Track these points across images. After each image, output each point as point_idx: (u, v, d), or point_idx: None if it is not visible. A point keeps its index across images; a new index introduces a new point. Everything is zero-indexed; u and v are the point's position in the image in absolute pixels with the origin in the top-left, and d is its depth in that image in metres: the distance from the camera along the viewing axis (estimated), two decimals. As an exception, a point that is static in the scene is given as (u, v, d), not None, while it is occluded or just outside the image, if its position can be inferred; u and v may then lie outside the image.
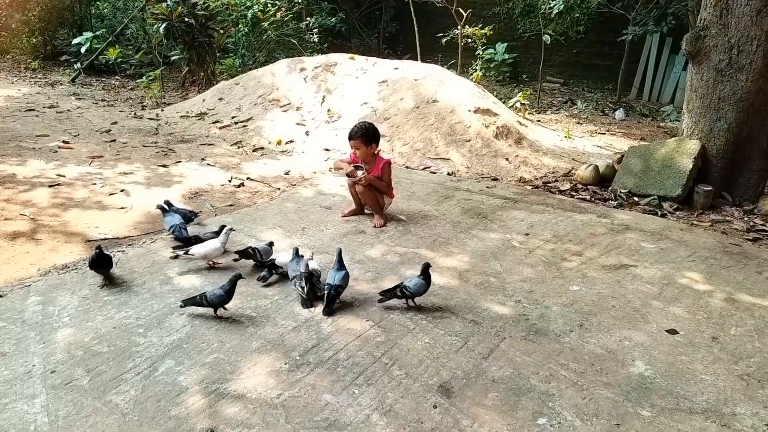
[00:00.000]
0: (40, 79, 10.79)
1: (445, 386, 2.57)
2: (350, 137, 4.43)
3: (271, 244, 3.70)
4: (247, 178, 5.55)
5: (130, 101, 9.38)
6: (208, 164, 5.93)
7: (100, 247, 3.32)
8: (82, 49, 10.90)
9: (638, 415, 2.43)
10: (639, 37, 9.97)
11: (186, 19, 9.41)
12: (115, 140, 6.65)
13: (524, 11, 11.19)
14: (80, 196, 4.77)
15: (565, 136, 7.57)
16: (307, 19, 11.56)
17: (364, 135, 4.39)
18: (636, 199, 5.33)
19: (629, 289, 3.54)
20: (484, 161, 6.15)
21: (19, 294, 3.22)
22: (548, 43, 9.60)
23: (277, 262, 3.51)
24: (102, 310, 3.08)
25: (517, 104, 8.36)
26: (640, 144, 6.80)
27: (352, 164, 4.46)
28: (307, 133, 6.91)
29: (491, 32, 9.68)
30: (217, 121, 7.49)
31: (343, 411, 2.39)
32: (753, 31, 4.88)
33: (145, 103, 9.20)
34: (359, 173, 4.34)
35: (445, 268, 3.75)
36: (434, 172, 5.96)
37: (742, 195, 5.31)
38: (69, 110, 8.14)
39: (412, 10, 10.34)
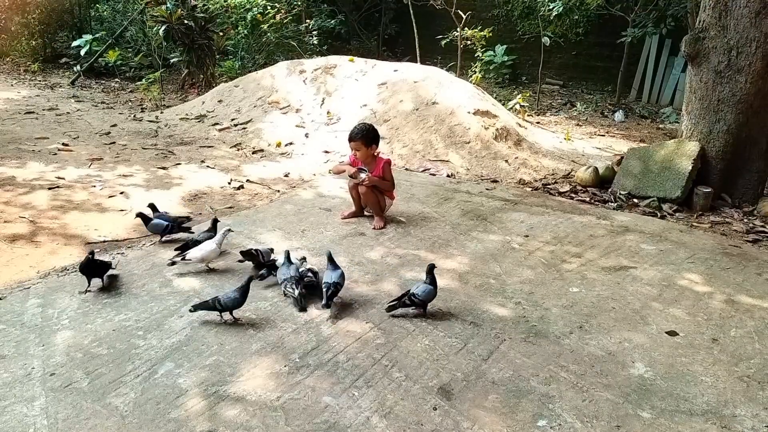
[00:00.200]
0: (40, 81, 10.79)
1: (445, 388, 2.56)
2: (350, 139, 4.43)
3: (272, 250, 3.72)
4: (247, 181, 5.55)
5: (130, 104, 9.38)
6: (208, 166, 5.93)
7: (93, 253, 3.27)
8: (82, 52, 10.91)
9: (638, 416, 2.43)
10: (638, 38, 9.99)
11: (185, 22, 9.42)
12: (114, 143, 6.65)
13: (523, 13, 11.21)
14: (80, 198, 4.77)
15: (565, 138, 7.58)
16: (307, 21, 11.58)
17: (365, 136, 4.38)
18: (635, 200, 5.34)
19: (629, 291, 3.54)
20: (483, 163, 6.16)
21: (19, 296, 3.22)
22: (547, 45, 9.62)
23: (277, 264, 3.51)
24: (101, 313, 3.08)
25: (517, 106, 8.37)
26: (639, 146, 6.80)
27: (351, 165, 4.47)
28: (306, 135, 6.92)
29: (490, 34, 9.71)
30: (216, 124, 7.49)
31: (343, 413, 2.39)
32: (752, 33, 4.88)
33: (144, 106, 9.20)
34: (362, 175, 4.33)
35: (445, 270, 3.74)
36: (434, 174, 5.97)
37: (741, 196, 5.32)
38: (68, 113, 8.14)
39: (411, 12, 10.35)
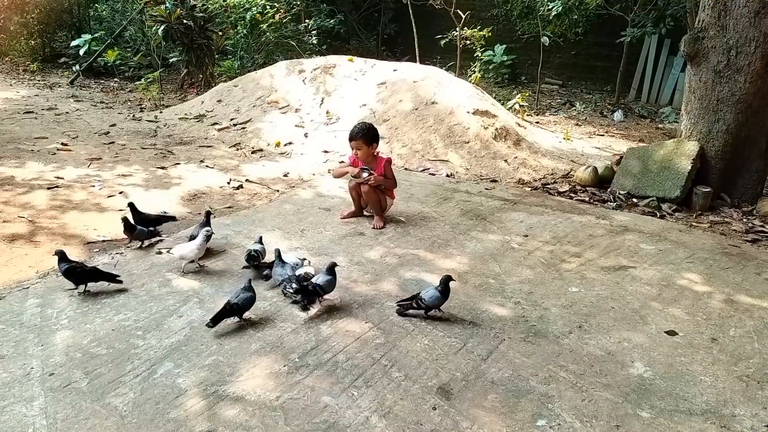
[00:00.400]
0: (39, 81, 10.78)
1: (444, 388, 2.56)
2: (351, 138, 4.42)
3: (261, 239, 3.78)
4: (246, 180, 5.55)
5: (129, 103, 9.37)
6: (207, 166, 5.93)
7: (70, 263, 3.28)
8: (81, 52, 10.89)
9: (638, 416, 2.43)
10: (637, 38, 9.99)
11: (185, 22, 9.41)
12: (113, 142, 6.65)
13: (523, 13, 11.21)
14: (79, 198, 4.77)
15: (564, 138, 7.58)
16: (306, 21, 11.57)
17: (365, 135, 4.38)
18: (635, 200, 5.34)
19: (628, 291, 3.54)
20: (483, 163, 6.16)
21: (18, 296, 3.22)
22: (547, 44, 9.61)
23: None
24: (100, 313, 3.08)
25: (516, 106, 8.37)
26: (638, 145, 6.80)
27: (353, 166, 4.46)
28: (306, 135, 6.91)
29: (490, 34, 9.70)
30: (215, 123, 7.49)
31: (343, 413, 2.39)
32: (751, 33, 4.88)
33: (143, 105, 9.19)
34: (365, 174, 4.33)
35: (444, 269, 3.74)
36: (433, 174, 5.97)
37: (740, 196, 5.32)
38: (67, 112, 8.13)
39: (410, 11, 10.35)
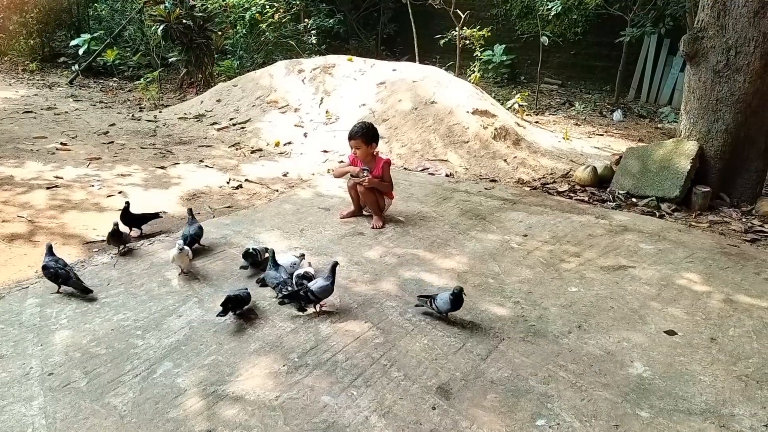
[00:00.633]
0: (38, 80, 10.77)
1: (443, 387, 2.56)
2: (350, 137, 4.43)
3: (266, 250, 3.71)
4: (245, 180, 5.55)
5: (128, 103, 9.37)
6: (206, 166, 5.92)
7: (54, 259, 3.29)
8: (80, 51, 10.88)
9: (637, 416, 2.44)
10: (637, 38, 9.99)
11: (184, 21, 9.40)
12: (113, 142, 6.64)
13: (522, 13, 11.21)
14: (78, 197, 4.77)
15: (563, 138, 7.58)
16: (305, 20, 11.56)
17: (365, 135, 4.38)
18: (634, 200, 5.34)
19: (627, 290, 3.54)
20: (482, 162, 6.16)
21: (17, 296, 3.21)
22: (546, 44, 9.62)
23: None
24: (100, 312, 3.08)
25: (515, 105, 8.37)
26: (638, 145, 6.81)
27: (352, 166, 4.48)
28: (305, 135, 6.91)
29: (489, 34, 9.70)
30: (215, 123, 7.49)
31: (342, 412, 2.39)
32: (750, 33, 4.89)
33: (143, 105, 9.19)
34: (364, 173, 4.33)
35: (444, 269, 3.75)
36: (432, 174, 5.97)
37: (739, 196, 5.32)
38: (67, 112, 8.13)
39: (410, 11, 10.35)
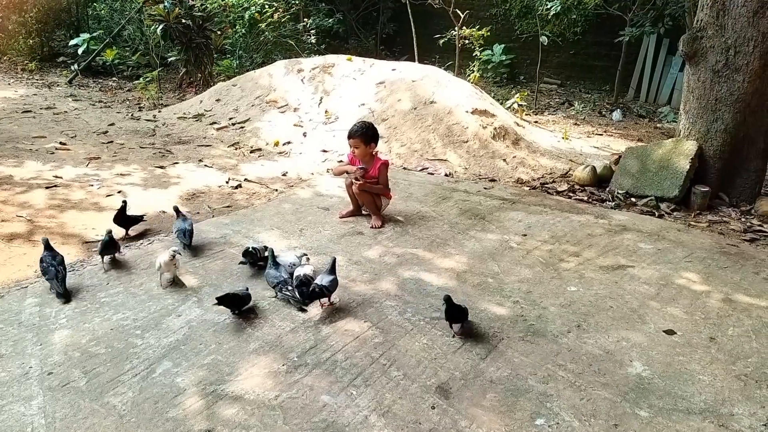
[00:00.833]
0: (37, 80, 10.76)
1: (443, 387, 2.57)
2: (349, 136, 4.43)
3: (266, 248, 3.71)
4: (245, 180, 5.55)
5: (128, 102, 9.36)
6: (206, 165, 5.92)
7: (52, 252, 3.28)
8: (79, 51, 10.87)
9: (636, 415, 2.44)
10: (636, 38, 10.00)
11: (183, 21, 9.39)
12: (112, 141, 6.64)
13: (521, 12, 11.22)
14: (77, 197, 4.76)
15: (563, 137, 7.59)
16: (305, 20, 11.57)
17: (364, 134, 4.39)
18: (633, 199, 5.34)
19: (627, 290, 3.54)
20: (481, 162, 6.16)
21: (16, 296, 3.21)
22: (545, 44, 9.62)
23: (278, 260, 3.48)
24: (99, 312, 3.07)
25: (515, 105, 8.37)
26: (637, 145, 6.81)
27: (350, 165, 4.49)
28: (304, 135, 6.91)
29: (488, 33, 9.70)
30: (214, 123, 7.48)
31: (341, 412, 2.39)
32: (749, 32, 4.89)
33: (142, 105, 9.18)
34: (358, 173, 4.35)
35: (443, 269, 3.75)
36: (432, 173, 5.97)
37: (739, 196, 5.32)
38: (66, 112, 8.12)
39: (409, 11, 10.36)
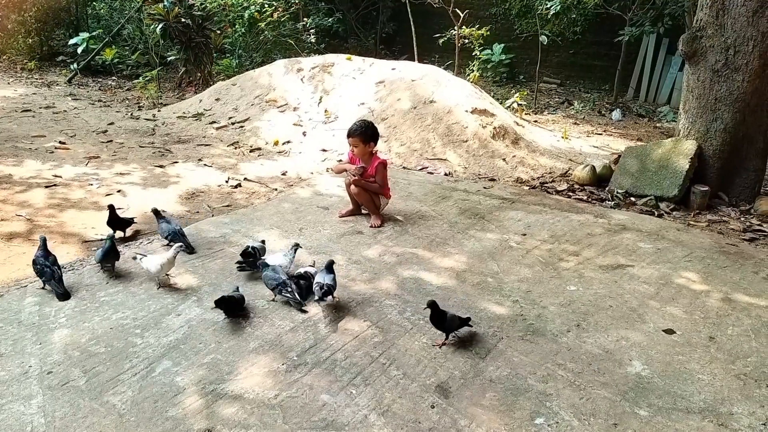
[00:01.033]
0: (37, 79, 10.75)
1: (442, 386, 2.57)
2: (349, 135, 4.44)
3: (263, 242, 3.74)
4: (244, 179, 5.54)
5: (127, 102, 9.36)
6: (205, 165, 5.92)
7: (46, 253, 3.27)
8: (79, 50, 10.85)
9: (635, 414, 2.44)
10: (635, 37, 10.00)
11: (183, 20, 9.39)
12: (111, 141, 6.63)
13: (521, 12, 11.21)
14: (77, 196, 4.76)
15: (562, 137, 7.59)
16: (304, 19, 11.57)
17: (363, 133, 4.40)
18: (633, 199, 5.35)
19: (626, 289, 3.54)
20: (481, 162, 6.16)
21: (16, 295, 3.21)
22: (545, 43, 9.62)
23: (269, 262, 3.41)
24: (99, 311, 3.07)
25: (514, 105, 8.37)
26: (636, 144, 6.82)
27: (351, 164, 4.50)
28: (304, 134, 6.91)
29: (488, 33, 9.71)
30: (214, 122, 7.48)
31: (341, 411, 2.39)
32: (749, 32, 4.89)
33: (141, 104, 9.18)
34: (356, 171, 4.36)
35: (443, 268, 3.75)
36: (431, 173, 5.97)
37: (738, 195, 5.33)
38: (65, 111, 8.12)
39: (409, 10, 10.35)
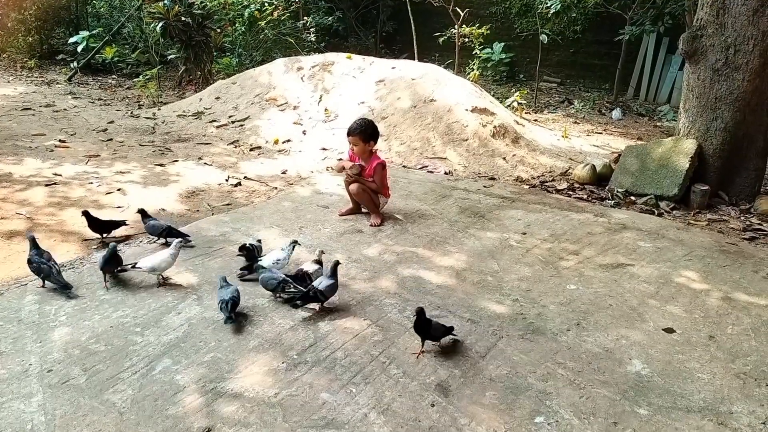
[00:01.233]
0: (37, 78, 10.75)
1: (442, 385, 2.57)
2: (349, 133, 4.44)
3: (260, 241, 3.74)
4: (244, 178, 5.54)
5: (127, 100, 9.35)
6: (205, 163, 5.92)
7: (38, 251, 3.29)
8: (79, 48, 10.87)
9: (635, 413, 2.44)
10: (636, 36, 9.99)
11: (183, 18, 9.39)
12: (111, 139, 6.63)
13: (521, 11, 11.21)
14: (77, 195, 4.76)
15: (562, 136, 7.58)
16: (304, 18, 11.56)
17: (363, 132, 4.40)
18: (633, 198, 5.34)
19: (626, 288, 3.55)
20: (481, 160, 6.16)
21: (16, 293, 3.21)
22: (545, 42, 9.62)
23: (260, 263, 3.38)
24: (99, 309, 3.07)
25: (514, 104, 8.37)
26: (636, 143, 6.81)
27: (350, 162, 4.50)
28: (304, 133, 6.91)
29: (488, 32, 9.70)
30: (214, 121, 7.48)
31: (341, 410, 2.39)
32: (749, 31, 4.89)
33: (141, 102, 9.18)
34: (354, 171, 4.38)
35: (443, 267, 3.75)
36: (431, 172, 5.97)
37: (738, 194, 5.33)
38: (65, 109, 8.12)
39: (409, 9, 10.35)
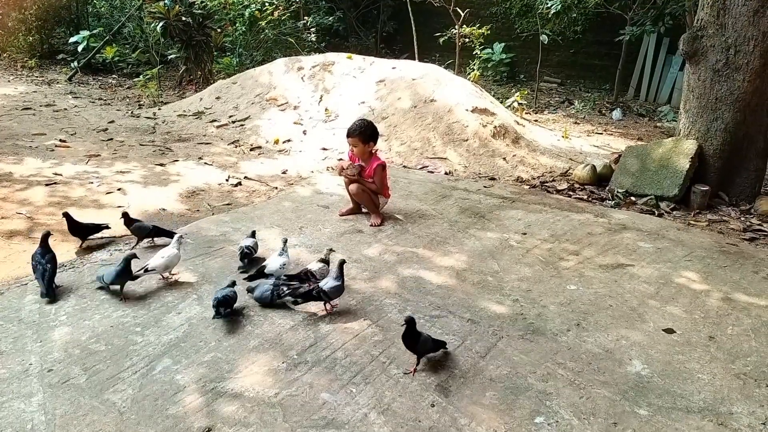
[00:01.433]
0: (37, 77, 10.75)
1: (442, 385, 2.57)
2: (348, 134, 4.44)
3: (254, 233, 3.78)
4: (245, 177, 5.54)
5: (127, 100, 9.36)
6: (206, 163, 5.92)
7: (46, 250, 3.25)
8: (79, 48, 10.87)
9: (635, 413, 2.44)
10: (636, 37, 9.99)
11: (183, 18, 9.40)
12: (112, 139, 6.63)
13: (522, 11, 11.22)
14: (77, 194, 4.76)
15: (563, 136, 7.58)
16: (305, 18, 11.57)
17: (362, 133, 4.40)
18: (633, 198, 5.35)
19: (626, 289, 3.55)
20: (481, 161, 6.16)
21: (16, 292, 3.21)
22: (546, 43, 9.62)
23: (266, 270, 3.39)
24: (99, 309, 3.07)
25: (515, 104, 8.37)
26: (637, 144, 6.81)
27: (350, 162, 4.50)
28: (304, 133, 6.91)
29: (489, 32, 9.71)
30: (214, 120, 7.48)
31: (341, 410, 2.39)
32: (750, 32, 4.89)
33: (142, 102, 9.18)
34: (353, 170, 4.39)
35: (443, 267, 3.75)
36: (432, 172, 5.97)
37: (738, 195, 5.33)
38: (66, 109, 8.12)
39: (409, 9, 10.35)
